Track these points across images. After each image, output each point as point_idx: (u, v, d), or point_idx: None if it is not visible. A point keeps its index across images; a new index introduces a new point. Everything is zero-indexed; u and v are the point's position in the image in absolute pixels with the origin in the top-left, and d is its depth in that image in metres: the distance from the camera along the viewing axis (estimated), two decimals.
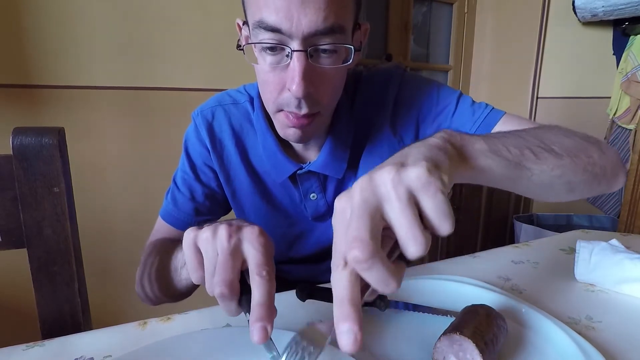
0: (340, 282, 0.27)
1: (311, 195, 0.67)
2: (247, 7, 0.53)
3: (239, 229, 0.38)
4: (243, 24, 0.57)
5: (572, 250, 0.70)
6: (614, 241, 0.63)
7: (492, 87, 2.23)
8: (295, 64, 0.49)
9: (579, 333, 0.44)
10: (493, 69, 2.22)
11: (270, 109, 0.58)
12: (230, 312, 0.37)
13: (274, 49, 0.51)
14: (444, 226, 0.27)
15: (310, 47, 0.49)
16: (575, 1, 1.69)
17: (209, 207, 0.70)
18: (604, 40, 1.82)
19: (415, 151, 0.31)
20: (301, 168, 0.64)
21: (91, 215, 1.33)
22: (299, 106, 0.53)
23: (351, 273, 0.27)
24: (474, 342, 0.36)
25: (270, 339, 0.34)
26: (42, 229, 0.52)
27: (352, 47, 0.53)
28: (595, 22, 1.78)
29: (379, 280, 0.26)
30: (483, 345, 0.36)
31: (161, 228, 0.71)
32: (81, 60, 1.27)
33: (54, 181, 0.51)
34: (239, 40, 0.61)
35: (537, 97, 2.03)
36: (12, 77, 1.21)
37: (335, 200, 0.30)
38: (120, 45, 1.31)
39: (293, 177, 0.65)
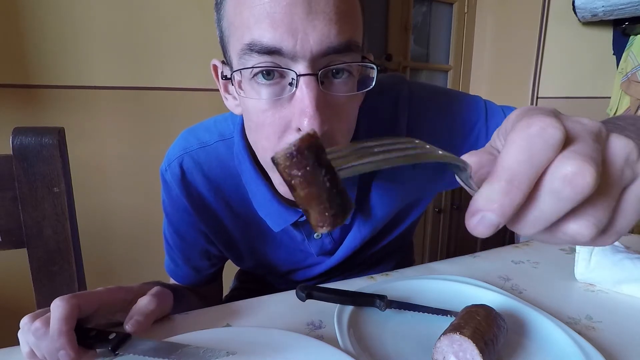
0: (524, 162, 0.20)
1: (315, 235, 0.60)
2: (231, 33, 0.42)
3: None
4: (223, 65, 0.47)
5: (572, 250, 0.70)
6: None
7: (492, 87, 2.23)
8: (304, 91, 0.39)
9: (579, 333, 0.44)
10: (493, 69, 2.22)
11: (267, 160, 0.46)
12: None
13: (270, 74, 0.40)
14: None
15: (321, 69, 0.39)
16: (575, 1, 1.69)
17: (211, 262, 0.66)
18: (604, 40, 1.81)
19: None
20: (302, 215, 0.56)
21: (91, 215, 1.33)
22: None
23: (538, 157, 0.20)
24: (474, 342, 0.36)
25: None
26: (42, 229, 0.52)
27: (374, 66, 0.43)
28: (595, 22, 1.78)
29: (559, 207, 0.20)
30: (483, 345, 0.36)
31: (172, 279, 0.69)
32: (81, 60, 1.27)
33: (54, 181, 0.51)
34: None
35: (537, 97, 2.03)
36: (12, 77, 1.21)
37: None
38: (120, 45, 1.31)
39: (293, 223, 0.57)
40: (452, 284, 0.55)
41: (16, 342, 0.45)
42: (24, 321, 0.41)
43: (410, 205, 0.65)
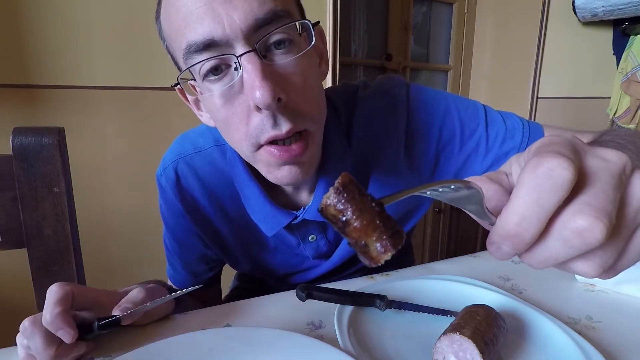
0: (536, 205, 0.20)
1: (310, 237, 0.60)
2: (175, 48, 0.43)
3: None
4: (181, 84, 0.47)
5: None
6: None
7: (492, 87, 2.23)
8: (248, 68, 0.39)
9: (579, 333, 0.44)
10: (493, 69, 2.22)
11: (245, 152, 0.46)
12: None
13: (218, 69, 0.41)
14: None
15: (257, 42, 0.40)
16: (575, 1, 1.69)
17: (209, 267, 0.67)
18: (604, 40, 1.81)
19: None
20: (295, 217, 0.55)
21: (91, 215, 1.33)
22: (276, 124, 0.41)
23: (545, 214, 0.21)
24: (474, 342, 0.36)
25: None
26: (42, 229, 0.52)
27: (307, 21, 0.43)
28: (595, 22, 1.78)
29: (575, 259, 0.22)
30: (483, 345, 0.36)
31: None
32: (81, 60, 1.27)
33: (54, 181, 0.51)
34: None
35: (537, 97, 2.03)
36: (12, 77, 1.20)
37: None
38: (120, 45, 1.31)
39: (287, 226, 0.56)
40: (452, 284, 0.55)
41: (16, 343, 0.45)
42: (23, 324, 0.41)
43: (409, 212, 0.65)
